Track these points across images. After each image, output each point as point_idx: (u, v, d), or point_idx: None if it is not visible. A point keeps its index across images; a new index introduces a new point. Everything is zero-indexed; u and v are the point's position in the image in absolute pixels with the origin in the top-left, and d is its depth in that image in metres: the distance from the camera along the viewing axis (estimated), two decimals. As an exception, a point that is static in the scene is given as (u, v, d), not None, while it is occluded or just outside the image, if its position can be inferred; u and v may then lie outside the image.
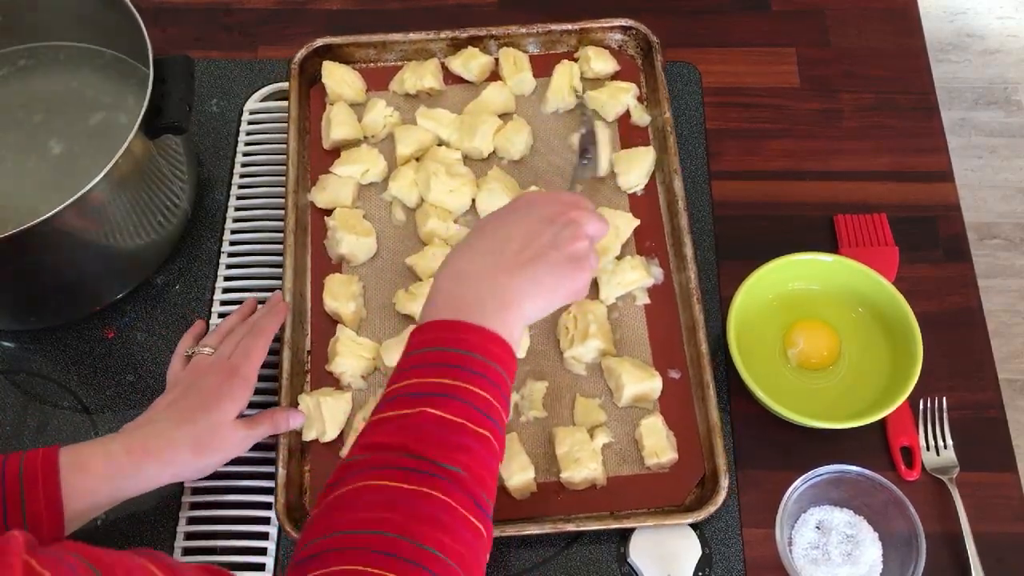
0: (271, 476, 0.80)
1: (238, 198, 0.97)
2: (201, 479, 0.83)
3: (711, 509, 0.78)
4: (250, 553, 0.80)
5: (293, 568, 0.56)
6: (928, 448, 0.85)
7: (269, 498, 0.81)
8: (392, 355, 0.84)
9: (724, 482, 0.79)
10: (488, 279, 0.67)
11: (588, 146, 0.90)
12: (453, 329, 0.64)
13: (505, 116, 0.98)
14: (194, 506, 0.83)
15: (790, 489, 0.78)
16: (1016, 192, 2.00)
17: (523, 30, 1.01)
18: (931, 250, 0.95)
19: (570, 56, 1.02)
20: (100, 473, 0.70)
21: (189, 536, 0.81)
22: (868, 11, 1.09)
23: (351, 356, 0.85)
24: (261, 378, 0.82)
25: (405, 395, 0.62)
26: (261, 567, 0.80)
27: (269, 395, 0.85)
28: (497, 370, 0.64)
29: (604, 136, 0.94)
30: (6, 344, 0.91)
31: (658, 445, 0.81)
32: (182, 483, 0.83)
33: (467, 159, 0.96)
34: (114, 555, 0.48)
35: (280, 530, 0.81)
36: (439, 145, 0.96)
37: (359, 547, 0.55)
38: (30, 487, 0.67)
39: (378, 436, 0.61)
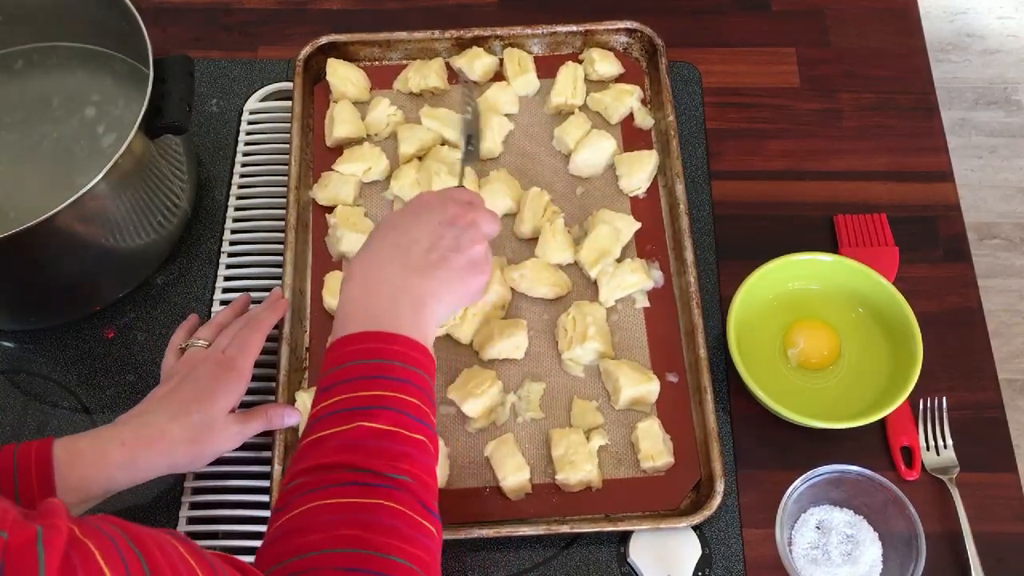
0: (267, 476, 0.80)
1: (238, 198, 0.98)
2: (200, 478, 0.83)
3: (706, 513, 0.78)
4: (250, 552, 0.80)
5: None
6: (928, 448, 0.85)
7: (266, 497, 0.81)
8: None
9: (720, 487, 0.79)
10: (399, 283, 0.69)
11: (471, 132, 0.88)
12: (372, 340, 0.66)
13: (510, 116, 0.98)
14: (193, 506, 0.83)
15: (790, 489, 0.78)
16: (1016, 192, 2.00)
17: (528, 31, 1.01)
18: (931, 250, 0.95)
19: (574, 57, 1.02)
20: (94, 464, 0.70)
21: (189, 535, 0.81)
22: (868, 11, 1.09)
23: (351, 356, 0.85)
24: (258, 375, 0.83)
25: (336, 412, 0.63)
26: (261, 567, 0.80)
27: (267, 394, 0.85)
28: (420, 375, 0.66)
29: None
30: (6, 344, 0.91)
31: (654, 449, 0.81)
32: (180, 480, 0.83)
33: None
34: (145, 530, 0.49)
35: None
36: (442, 145, 0.96)
37: (326, 567, 0.56)
38: (24, 479, 0.67)
39: (318, 457, 0.61)
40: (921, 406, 0.86)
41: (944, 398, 0.86)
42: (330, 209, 0.93)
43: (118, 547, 0.45)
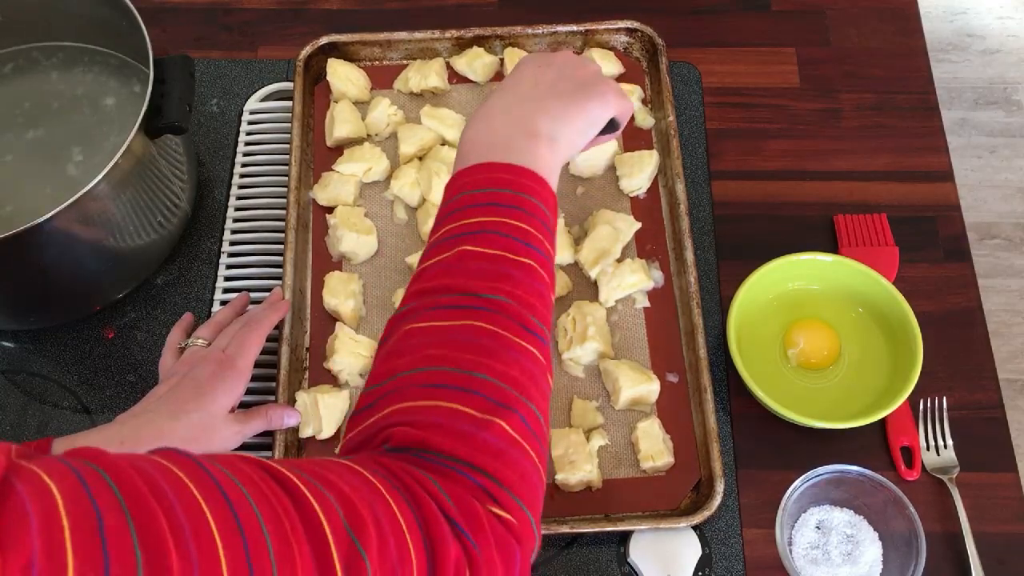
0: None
1: (238, 198, 0.97)
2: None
3: (706, 514, 0.78)
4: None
5: (351, 420, 0.56)
6: (928, 448, 0.85)
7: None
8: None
9: (720, 487, 0.79)
10: (512, 114, 0.68)
11: None
12: (482, 171, 0.64)
13: None
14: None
15: (790, 489, 0.78)
16: (1016, 192, 2.00)
17: (528, 31, 1.01)
18: (931, 250, 0.95)
19: (574, 57, 1.02)
20: None
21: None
22: (868, 11, 1.09)
23: (349, 354, 0.85)
24: (259, 375, 0.83)
25: (442, 240, 0.62)
26: (261, 567, 0.80)
27: (267, 394, 0.85)
28: (533, 202, 0.63)
29: None
30: (6, 344, 0.91)
31: (654, 449, 0.81)
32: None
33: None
34: (128, 458, 0.41)
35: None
36: (442, 145, 0.96)
37: (407, 385, 0.55)
38: None
39: (421, 283, 0.60)
40: (921, 406, 0.86)
41: (944, 398, 0.86)
42: (330, 209, 0.93)
43: (77, 472, 0.38)
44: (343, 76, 0.98)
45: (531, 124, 0.67)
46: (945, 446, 0.85)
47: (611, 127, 0.73)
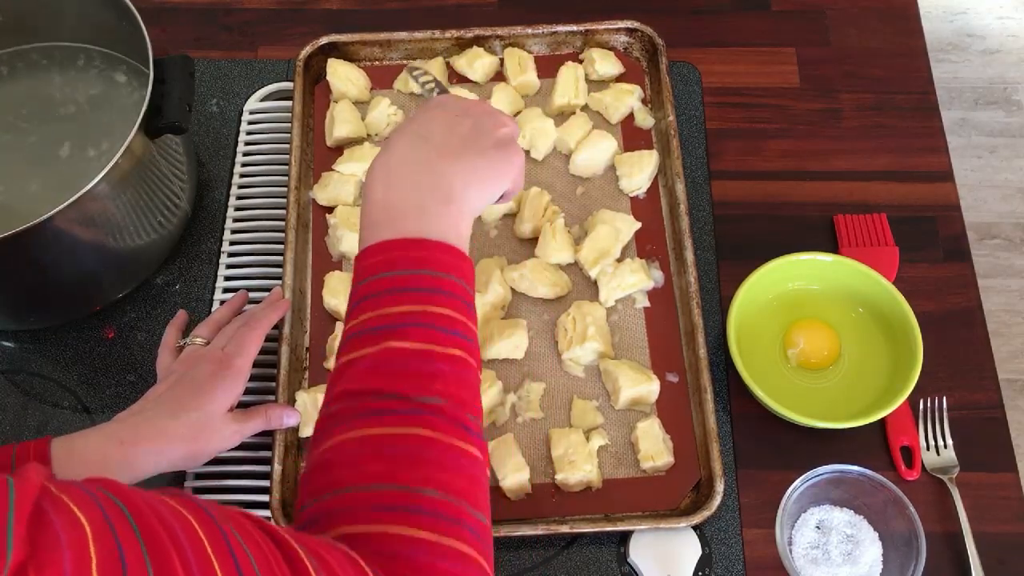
0: (267, 476, 0.80)
1: (238, 198, 0.97)
2: (200, 477, 0.83)
3: (706, 514, 0.78)
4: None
5: (296, 533, 0.54)
6: (928, 448, 0.85)
7: (266, 497, 0.81)
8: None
9: (719, 487, 0.79)
10: (423, 172, 0.63)
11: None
12: (396, 248, 0.61)
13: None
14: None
15: (790, 489, 0.78)
16: (1016, 192, 2.00)
17: (528, 31, 1.01)
18: (931, 250, 0.95)
19: (575, 57, 1.02)
20: (92, 463, 0.70)
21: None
22: (868, 11, 1.09)
23: (351, 356, 0.85)
24: (258, 375, 0.83)
25: (364, 332, 0.59)
26: (261, 567, 0.80)
27: (266, 394, 0.85)
28: (451, 280, 0.60)
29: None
30: (6, 344, 0.91)
31: (654, 449, 0.81)
32: (181, 480, 0.83)
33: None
34: (140, 494, 0.44)
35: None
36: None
37: (354, 507, 0.53)
38: None
39: (349, 382, 0.58)
40: (921, 406, 0.86)
41: (944, 398, 0.86)
42: (330, 209, 0.93)
43: (102, 506, 0.41)
44: (343, 76, 0.98)
45: (445, 186, 0.63)
46: (945, 446, 0.85)
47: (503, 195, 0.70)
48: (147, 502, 0.43)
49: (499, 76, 1.01)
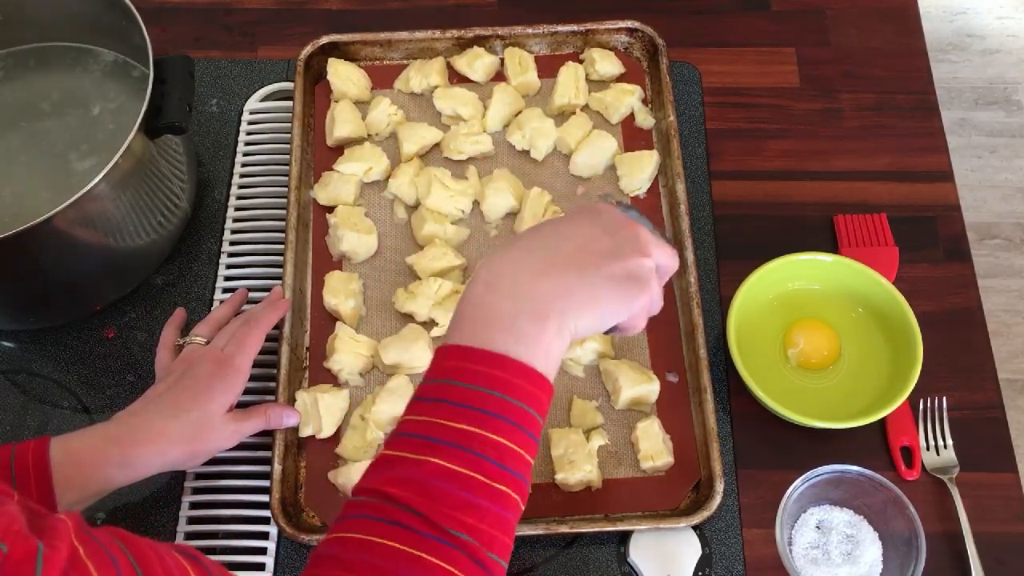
0: (267, 476, 0.80)
1: (238, 198, 0.97)
2: (200, 477, 0.83)
3: (706, 514, 0.78)
4: (250, 553, 0.80)
5: None
6: (928, 448, 0.85)
7: (266, 497, 0.81)
8: (390, 353, 0.84)
9: (719, 487, 0.79)
10: (527, 284, 0.58)
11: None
12: (473, 359, 0.57)
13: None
14: (193, 505, 0.82)
15: (790, 489, 0.78)
16: (1016, 192, 2.00)
17: (529, 30, 1.01)
18: (931, 250, 0.95)
19: (575, 57, 1.02)
20: (91, 463, 0.70)
21: (189, 536, 0.81)
22: (868, 11, 1.09)
23: (349, 353, 0.85)
24: (258, 375, 0.83)
25: (415, 436, 0.56)
26: (261, 567, 0.80)
27: (266, 394, 0.85)
28: (522, 409, 0.56)
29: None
30: (6, 344, 0.91)
31: (654, 449, 0.81)
32: (180, 480, 0.83)
33: (470, 158, 0.96)
34: (154, 551, 0.47)
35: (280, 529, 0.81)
36: (457, 123, 0.96)
37: None
38: (22, 479, 0.67)
39: (385, 484, 0.55)
40: (921, 406, 0.86)
41: (944, 398, 0.86)
42: (331, 209, 0.93)
43: (120, 570, 0.44)
44: (344, 76, 0.98)
45: (545, 305, 0.58)
46: (945, 446, 0.85)
47: (616, 327, 0.63)
48: (155, 552, 0.46)
49: (499, 76, 1.01)
